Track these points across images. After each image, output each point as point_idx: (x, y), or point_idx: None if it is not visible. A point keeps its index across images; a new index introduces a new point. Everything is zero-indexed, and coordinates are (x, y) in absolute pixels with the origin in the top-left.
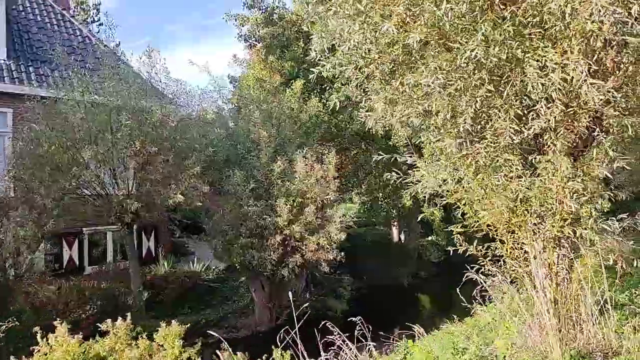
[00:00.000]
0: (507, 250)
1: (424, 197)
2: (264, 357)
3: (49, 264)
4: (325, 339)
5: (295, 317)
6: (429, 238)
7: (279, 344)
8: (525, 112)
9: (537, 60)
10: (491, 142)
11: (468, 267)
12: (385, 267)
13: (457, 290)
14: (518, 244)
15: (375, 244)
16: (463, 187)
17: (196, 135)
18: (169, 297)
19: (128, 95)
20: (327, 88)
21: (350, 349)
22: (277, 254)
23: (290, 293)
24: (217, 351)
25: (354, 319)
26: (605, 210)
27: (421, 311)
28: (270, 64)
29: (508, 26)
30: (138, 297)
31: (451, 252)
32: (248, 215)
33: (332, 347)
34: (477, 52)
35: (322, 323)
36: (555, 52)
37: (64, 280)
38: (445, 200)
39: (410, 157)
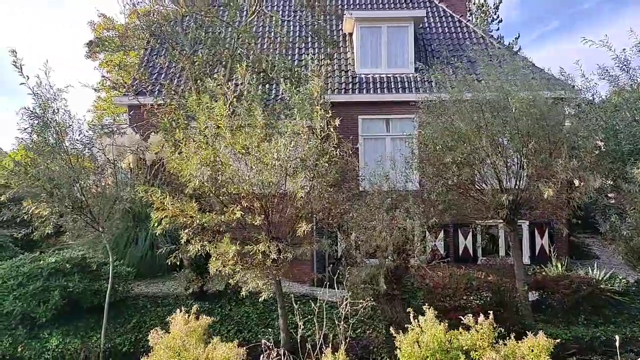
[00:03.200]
0: None
1: None
2: None
3: (446, 251)
4: None
5: None
6: None
7: None
8: None
9: None
10: None
11: None
12: None
13: None
14: None
15: None
16: None
17: (593, 120)
18: (561, 302)
19: (497, 88)
20: None
21: None
22: None
23: None
24: None
25: None
26: None
27: None
28: None
29: None
30: (523, 296)
31: None
32: None
33: None
34: None
35: None
36: None
37: (455, 268)
38: None
39: None
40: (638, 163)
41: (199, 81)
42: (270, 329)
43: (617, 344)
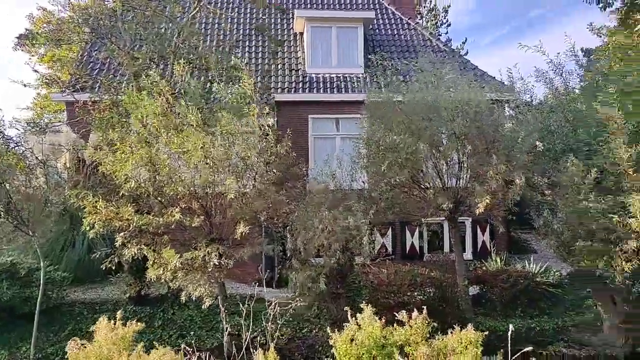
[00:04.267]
0: None
1: None
2: None
3: (394, 248)
4: None
5: None
6: None
7: None
8: None
9: None
10: None
11: None
12: None
13: None
14: None
15: None
16: None
17: (531, 122)
18: (499, 296)
19: (434, 91)
20: None
21: None
22: (631, 265)
23: None
24: None
25: None
26: None
27: None
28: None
29: None
30: (464, 291)
31: None
32: (588, 213)
33: None
34: None
35: None
36: None
37: (401, 265)
38: None
39: None
40: (569, 159)
41: (140, 78)
42: (214, 332)
43: (509, 333)
